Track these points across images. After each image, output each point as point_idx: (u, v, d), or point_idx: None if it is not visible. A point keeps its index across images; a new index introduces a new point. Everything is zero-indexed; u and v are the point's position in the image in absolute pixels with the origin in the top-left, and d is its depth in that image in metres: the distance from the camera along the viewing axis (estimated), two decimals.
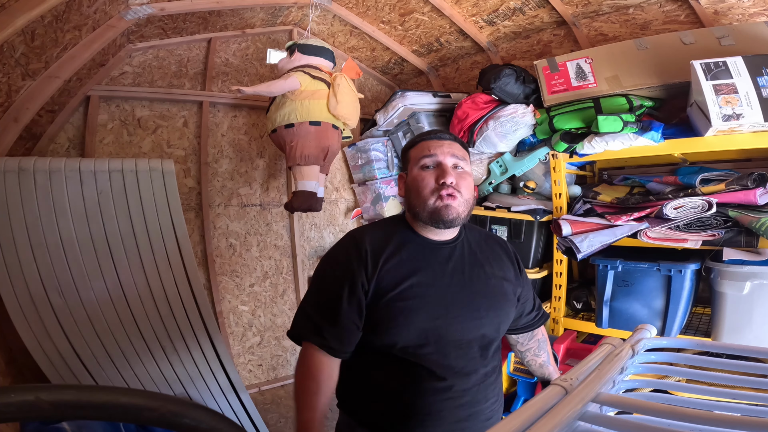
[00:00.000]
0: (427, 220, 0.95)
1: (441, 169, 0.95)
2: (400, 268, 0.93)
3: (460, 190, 0.94)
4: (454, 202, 0.93)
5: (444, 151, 0.97)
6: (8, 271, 1.52)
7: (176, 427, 0.40)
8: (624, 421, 0.45)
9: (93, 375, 1.61)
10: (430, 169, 0.96)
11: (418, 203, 0.95)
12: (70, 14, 1.60)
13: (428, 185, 0.94)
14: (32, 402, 0.31)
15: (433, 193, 0.93)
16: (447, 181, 0.93)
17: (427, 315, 0.90)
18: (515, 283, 1.04)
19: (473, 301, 0.95)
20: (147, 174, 1.82)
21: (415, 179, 0.97)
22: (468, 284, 0.96)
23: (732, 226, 1.50)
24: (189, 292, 1.83)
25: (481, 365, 0.94)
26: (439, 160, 0.96)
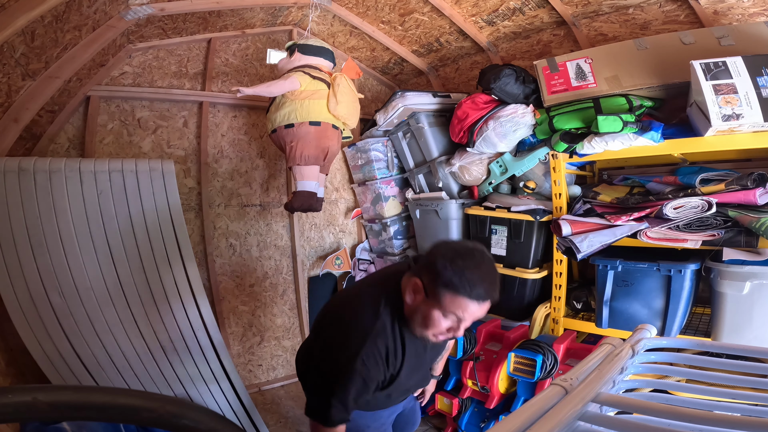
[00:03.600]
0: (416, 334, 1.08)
1: (458, 327, 1.02)
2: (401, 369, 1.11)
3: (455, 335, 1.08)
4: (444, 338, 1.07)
5: (474, 316, 1.01)
6: (8, 271, 1.52)
7: (175, 427, 0.40)
8: (624, 421, 0.45)
9: (93, 375, 1.62)
10: (450, 319, 1.01)
11: (416, 329, 1.06)
12: (70, 14, 1.60)
13: (438, 329, 1.02)
14: (30, 403, 0.31)
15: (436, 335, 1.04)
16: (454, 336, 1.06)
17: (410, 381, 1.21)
18: None
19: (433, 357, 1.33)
20: (147, 174, 1.82)
21: (431, 318, 1.01)
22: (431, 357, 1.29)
23: (732, 226, 1.50)
24: (189, 292, 1.83)
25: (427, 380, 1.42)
26: (463, 324, 1.02)
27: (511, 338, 1.86)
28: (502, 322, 2.08)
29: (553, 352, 1.64)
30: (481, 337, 1.92)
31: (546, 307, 2.00)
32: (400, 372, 1.13)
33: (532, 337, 1.94)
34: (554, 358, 1.63)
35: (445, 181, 2.37)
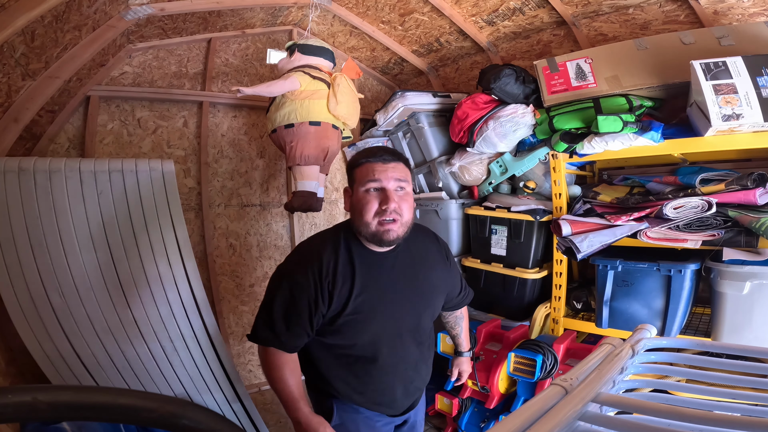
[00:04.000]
0: (369, 240, 1.05)
1: (385, 194, 1.02)
2: (353, 288, 1.05)
3: (402, 213, 1.04)
4: (395, 225, 1.02)
5: (388, 175, 1.03)
6: (8, 271, 1.52)
7: (175, 427, 0.40)
8: (624, 421, 0.45)
9: (93, 375, 1.61)
10: (374, 192, 1.03)
11: (361, 224, 1.04)
12: (70, 14, 1.60)
13: (371, 209, 1.02)
14: (30, 403, 0.31)
15: (376, 216, 1.02)
16: (390, 207, 1.01)
17: (379, 322, 1.08)
18: (445, 273, 1.23)
19: (416, 302, 1.14)
20: (147, 174, 1.82)
21: (360, 201, 1.04)
22: (410, 286, 1.13)
23: (732, 226, 1.50)
24: (189, 292, 1.83)
25: (418, 349, 1.18)
26: (384, 185, 1.03)
27: (511, 338, 1.86)
28: (502, 322, 2.08)
29: (553, 352, 1.64)
30: (481, 337, 1.92)
31: (546, 307, 2.00)
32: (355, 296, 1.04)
33: (532, 337, 1.94)
34: (554, 358, 1.63)
35: (445, 181, 2.37)
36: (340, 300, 1.04)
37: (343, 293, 1.04)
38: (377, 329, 1.08)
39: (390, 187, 1.03)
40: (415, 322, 1.15)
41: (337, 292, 1.04)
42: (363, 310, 1.06)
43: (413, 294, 1.14)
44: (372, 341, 1.09)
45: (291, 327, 1.04)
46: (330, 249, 1.08)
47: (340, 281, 1.04)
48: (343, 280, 1.04)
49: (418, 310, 1.15)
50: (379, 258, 1.10)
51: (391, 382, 1.14)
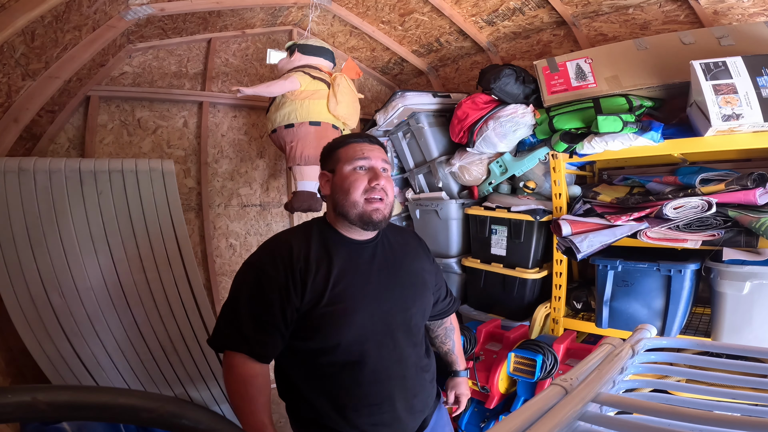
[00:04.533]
0: (356, 221, 0.99)
1: (374, 172, 1.01)
2: (330, 275, 0.96)
3: (387, 193, 1.01)
4: (381, 204, 0.99)
5: (376, 155, 1.03)
6: (8, 271, 1.52)
7: (175, 427, 0.40)
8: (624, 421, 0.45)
9: (93, 375, 1.62)
10: (362, 171, 1.01)
11: (348, 203, 0.99)
12: (70, 14, 1.60)
13: (360, 186, 0.99)
14: (29, 403, 0.31)
15: (364, 193, 0.99)
16: (380, 183, 0.99)
17: (363, 314, 0.96)
18: (430, 271, 1.15)
19: (402, 294, 1.04)
20: (147, 174, 1.82)
21: (347, 178, 1.00)
22: (394, 279, 1.04)
23: (732, 226, 1.50)
24: (189, 292, 1.83)
25: (414, 351, 1.05)
26: (372, 164, 1.02)
27: (511, 338, 1.86)
28: (502, 322, 2.08)
29: (553, 352, 1.64)
30: (481, 337, 1.92)
31: (546, 307, 2.00)
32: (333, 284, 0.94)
33: (532, 337, 1.94)
34: (554, 358, 1.63)
35: (445, 181, 2.37)
36: (315, 289, 0.93)
37: (318, 281, 0.94)
38: (362, 323, 0.95)
39: (378, 166, 1.02)
40: (405, 318, 1.03)
41: (311, 280, 0.93)
42: (343, 300, 0.94)
43: (399, 285, 1.04)
44: (357, 339, 0.95)
45: (261, 325, 0.92)
46: (301, 236, 1.01)
47: (313, 268, 0.95)
48: (317, 266, 0.95)
49: (406, 303, 1.03)
50: (358, 246, 1.03)
51: (388, 391, 0.98)
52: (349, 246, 1.02)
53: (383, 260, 1.05)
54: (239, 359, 0.93)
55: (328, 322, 0.94)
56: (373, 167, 1.02)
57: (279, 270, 0.94)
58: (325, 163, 1.08)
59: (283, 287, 0.93)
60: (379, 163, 1.03)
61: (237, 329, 0.94)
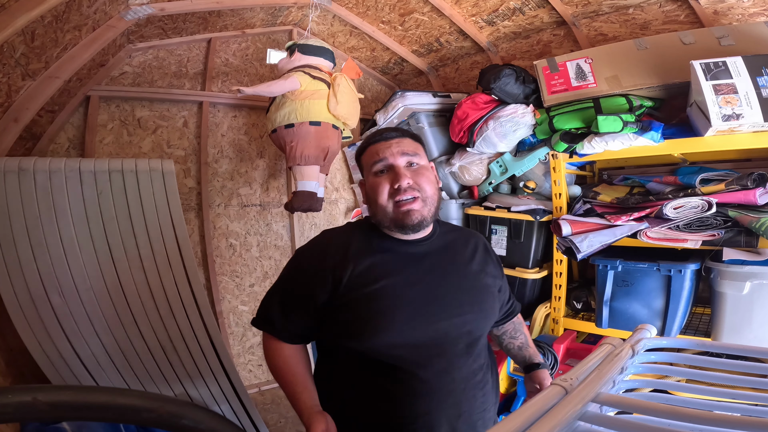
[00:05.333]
0: (392, 228, 0.93)
1: (393, 172, 0.92)
2: (374, 269, 0.90)
3: (420, 188, 0.91)
4: (415, 204, 0.90)
5: (393, 151, 0.93)
6: (8, 271, 1.52)
7: (175, 427, 0.40)
8: (624, 421, 0.45)
9: (93, 375, 1.61)
10: (383, 174, 0.94)
11: (378, 211, 0.93)
12: (70, 14, 1.60)
13: (384, 191, 0.92)
14: (30, 403, 0.31)
15: (390, 198, 0.91)
16: (403, 185, 0.90)
17: (400, 318, 0.87)
18: (495, 275, 1.03)
19: (455, 297, 0.92)
20: (147, 174, 1.82)
21: (371, 187, 0.95)
22: (447, 280, 0.93)
23: (732, 226, 1.50)
24: (189, 292, 1.82)
25: (466, 363, 0.91)
26: (390, 163, 0.93)
27: None
28: None
29: (553, 352, 1.64)
30: None
31: (546, 307, 2.00)
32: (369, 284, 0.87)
33: (532, 337, 1.94)
34: (554, 358, 1.63)
35: (445, 181, 2.37)
36: (350, 285, 0.88)
37: (354, 278, 0.89)
38: (400, 327, 0.86)
39: (398, 163, 0.92)
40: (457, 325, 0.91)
41: (346, 276, 0.89)
42: (380, 300, 0.87)
43: (453, 288, 0.93)
44: (393, 343, 0.87)
45: (286, 313, 0.94)
46: (346, 233, 0.99)
47: (350, 264, 0.90)
48: (355, 263, 0.90)
49: (462, 309, 0.91)
50: (407, 244, 0.95)
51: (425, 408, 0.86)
52: (397, 245, 0.95)
53: (436, 261, 0.95)
54: (270, 341, 0.97)
55: (362, 321, 0.87)
56: (393, 166, 0.93)
57: (312, 263, 0.93)
58: (360, 172, 1.04)
59: (312, 280, 0.91)
60: (399, 159, 0.93)
61: (268, 313, 0.97)
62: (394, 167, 0.92)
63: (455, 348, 0.90)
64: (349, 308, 0.89)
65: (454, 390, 0.88)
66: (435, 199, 0.94)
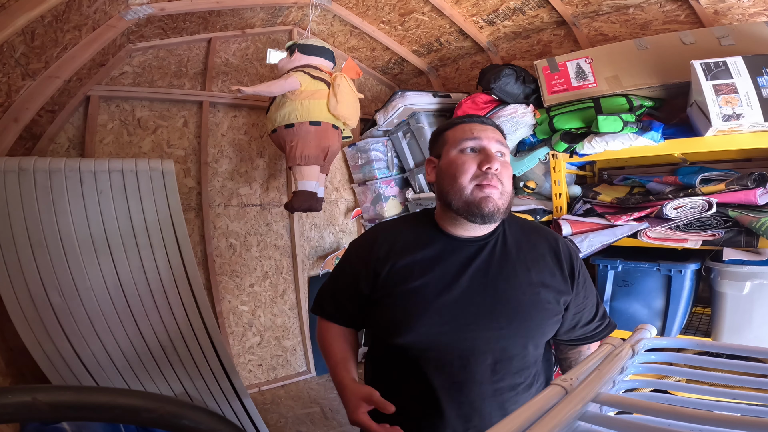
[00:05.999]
0: (461, 211, 0.85)
1: (485, 154, 0.86)
2: (413, 267, 0.87)
3: (503, 181, 0.86)
4: (495, 192, 0.84)
5: (489, 135, 0.88)
6: (8, 271, 1.52)
7: (175, 427, 0.40)
8: (624, 421, 0.45)
9: (93, 375, 1.62)
10: (472, 153, 0.87)
11: (453, 190, 0.86)
12: (70, 14, 1.60)
13: (469, 170, 0.85)
14: (30, 403, 0.31)
15: (474, 179, 0.84)
16: (492, 167, 0.83)
17: (430, 319, 0.83)
18: (560, 290, 0.91)
19: (493, 308, 0.84)
20: (147, 174, 1.82)
21: (454, 162, 0.87)
22: (490, 289, 0.85)
23: (732, 226, 1.50)
24: (189, 292, 1.83)
25: (491, 380, 0.84)
26: (484, 145, 0.87)
27: None
28: None
29: (553, 352, 1.64)
30: None
31: None
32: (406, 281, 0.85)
33: None
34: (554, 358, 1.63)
35: None
36: (388, 281, 0.87)
37: (392, 274, 0.87)
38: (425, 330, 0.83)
39: (492, 148, 0.87)
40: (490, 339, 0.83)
41: (385, 272, 0.88)
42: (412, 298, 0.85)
43: (495, 297, 0.85)
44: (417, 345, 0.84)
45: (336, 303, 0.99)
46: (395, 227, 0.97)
47: (391, 260, 0.88)
48: (396, 259, 0.88)
49: (499, 322, 0.84)
50: (459, 243, 0.89)
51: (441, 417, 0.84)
52: (447, 242, 0.89)
53: (486, 263, 0.87)
54: (322, 323, 1.01)
55: (393, 318, 0.87)
56: (485, 148, 0.86)
57: (359, 256, 0.95)
58: (432, 148, 0.97)
59: (356, 276, 0.93)
60: (494, 145, 0.87)
61: (322, 301, 1.02)
62: (486, 150, 0.86)
63: (480, 363, 0.83)
64: (381, 304, 0.89)
65: (466, 403, 0.83)
66: (511, 197, 0.88)
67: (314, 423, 2.23)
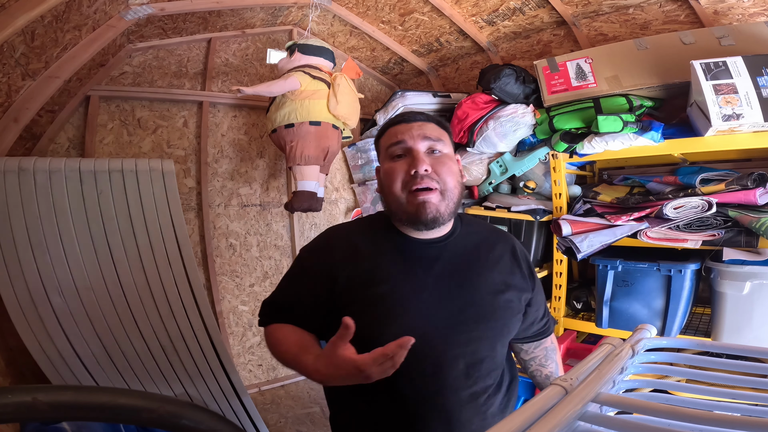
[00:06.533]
0: (404, 221, 0.83)
1: (412, 156, 0.82)
2: (376, 271, 0.81)
3: (440, 178, 0.81)
4: (432, 196, 0.79)
5: (413, 134, 0.83)
6: (8, 271, 1.52)
7: (175, 427, 0.40)
8: (624, 421, 0.45)
9: (93, 375, 1.61)
10: (400, 159, 0.84)
11: (391, 200, 0.83)
12: (70, 14, 1.60)
13: (398, 177, 0.82)
14: (30, 403, 0.31)
15: (405, 186, 0.81)
16: (420, 170, 0.79)
17: (404, 327, 0.78)
18: (521, 289, 0.91)
19: (462, 312, 0.82)
20: (147, 174, 1.82)
21: (386, 172, 0.85)
22: (456, 292, 0.82)
23: (732, 226, 1.50)
24: (189, 292, 1.83)
25: (466, 385, 0.81)
26: (410, 146, 0.83)
27: None
28: None
29: None
30: None
31: None
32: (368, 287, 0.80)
33: None
34: None
35: None
36: (348, 287, 0.81)
37: (352, 280, 0.81)
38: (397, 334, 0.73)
39: (418, 147, 0.82)
40: (461, 342, 0.81)
41: (344, 278, 0.81)
42: (378, 306, 0.79)
43: (463, 300, 0.82)
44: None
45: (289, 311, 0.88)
46: (350, 229, 0.91)
47: (350, 265, 0.82)
48: (355, 263, 0.82)
49: (468, 325, 0.81)
50: (419, 246, 0.85)
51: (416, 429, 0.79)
52: (406, 245, 0.85)
53: (449, 266, 0.84)
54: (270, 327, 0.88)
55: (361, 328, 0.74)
56: (411, 149, 0.82)
57: (314, 262, 0.86)
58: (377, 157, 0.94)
59: (313, 282, 0.84)
60: (420, 143, 0.82)
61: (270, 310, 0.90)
62: (413, 151, 0.82)
63: (454, 368, 0.80)
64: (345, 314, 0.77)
65: (443, 412, 0.79)
66: (456, 193, 0.84)
67: (314, 423, 2.23)
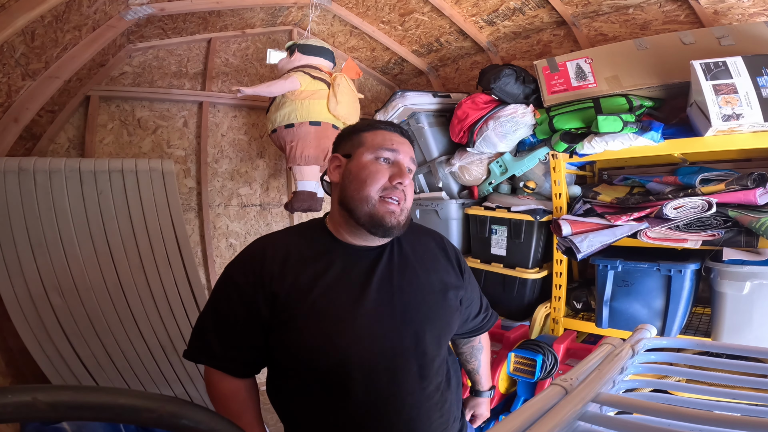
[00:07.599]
0: (363, 222, 0.82)
1: (399, 168, 0.85)
2: (315, 280, 0.80)
3: (406, 196, 0.86)
4: (398, 208, 0.83)
5: (405, 150, 0.88)
6: (8, 271, 1.52)
7: (175, 427, 0.40)
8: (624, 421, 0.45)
9: (93, 375, 1.62)
10: (385, 164, 0.85)
11: (359, 197, 0.82)
12: (70, 14, 1.60)
13: (380, 180, 0.83)
14: (30, 403, 0.31)
15: (381, 191, 0.83)
16: (404, 183, 0.84)
17: (349, 335, 0.78)
18: (457, 285, 0.94)
19: (406, 313, 0.83)
20: (147, 174, 1.82)
21: (366, 168, 0.84)
22: (399, 295, 0.84)
23: (732, 226, 1.50)
24: (189, 292, 1.83)
25: (421, 386, 0.83)
26: (399, 159, 0.86)
27: (511, 338, 1.85)
28: (502, 322, 2.08)
29: (553, 352, 1.64)
30: None
31: (546, 307, 2.00)
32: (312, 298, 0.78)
33: (532, 337, 1.94)
34: (554, 358, 1.63)
35: (445, 181, 2.37)
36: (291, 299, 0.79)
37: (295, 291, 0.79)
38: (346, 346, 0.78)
39: (406, 164, 0.86)
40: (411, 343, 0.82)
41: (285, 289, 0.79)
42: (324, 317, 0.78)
43: (406, 302, 0.84)
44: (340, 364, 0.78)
45: (227, 341, 0.82)
46: (285, 239, 0.87)
47: (290, 276, 0.80)
48: (296, 274, 0.80)
49: (414, 326, 0.83)
50: (358, 252, 0.86)
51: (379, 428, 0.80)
52: (346, 252, 0.86)
53: (388, 271, 0.86)
54: (215, 375, 0.83)
55: (305, 340, 0.78)
56: (400, 163, 0.86)
57: (248, 279, 0.80)
58: (340, 145, 0.91)
59: (250, 299, 0.80)
60: (407, 161, 0.87)
61: (206, 344, 0.83)
62: (401, 164, 0.86)
63: (407, 371, 0.81)
64: (289, 328, 0.78)
65: (405, 416, 0.81)
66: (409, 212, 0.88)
67: None
